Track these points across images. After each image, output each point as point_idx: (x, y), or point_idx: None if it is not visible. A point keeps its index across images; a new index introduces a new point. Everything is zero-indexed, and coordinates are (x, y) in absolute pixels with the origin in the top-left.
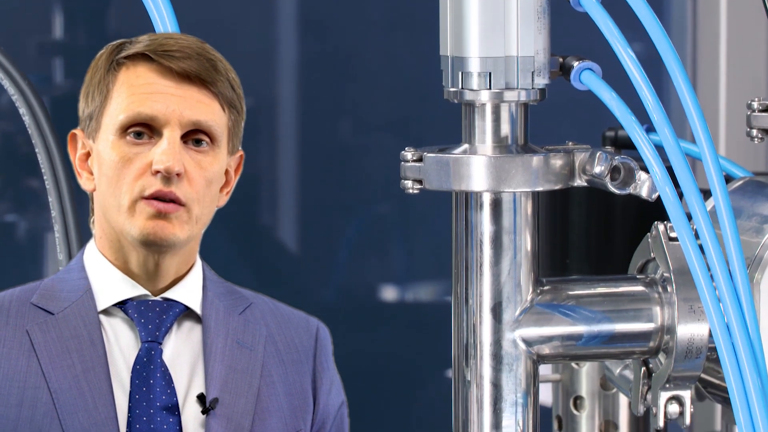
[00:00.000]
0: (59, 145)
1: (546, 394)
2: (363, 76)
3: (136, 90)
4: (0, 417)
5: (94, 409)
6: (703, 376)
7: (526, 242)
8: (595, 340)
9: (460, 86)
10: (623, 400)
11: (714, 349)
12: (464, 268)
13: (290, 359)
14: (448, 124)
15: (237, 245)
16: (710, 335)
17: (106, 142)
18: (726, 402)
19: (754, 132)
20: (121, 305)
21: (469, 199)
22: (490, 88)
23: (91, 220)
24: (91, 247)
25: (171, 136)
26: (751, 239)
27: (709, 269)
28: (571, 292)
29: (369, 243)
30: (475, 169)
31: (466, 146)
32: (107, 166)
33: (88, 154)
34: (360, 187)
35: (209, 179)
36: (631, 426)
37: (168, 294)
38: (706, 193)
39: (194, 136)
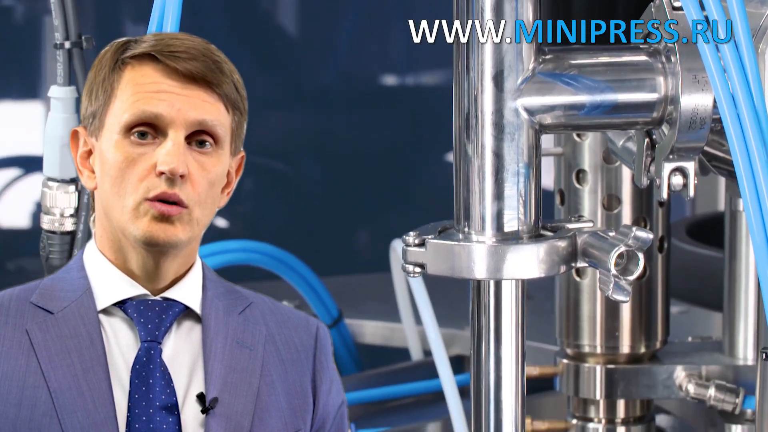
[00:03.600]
0: None
1: (547, 179)
2: None
3: (141, 89)
4: None
5: (93, 408)
6: (706, 149)
7: (528, 10)
8: (598, 110)
9: None
10: (626, 174)
11: (718, 121)
12: (465, 37)
13: (290, 359)
14: None
15: (237, 32)
16: (714, 106)
17: (109, 142)
18: (730, 175)
19: None
20: (121, 305)
21: None
22: None
23: (92, 218)
24: (90, 247)
25: (175, 136)
26: (756, 10)
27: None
28: (573, 62)
29: (369, 27)
30: None
31: None
32: (111, 166)
33: (89, 152)
34: None
35: (212, 181)
36: (634, 200)
37: (168, 294)
38: None
39: (198, 137)
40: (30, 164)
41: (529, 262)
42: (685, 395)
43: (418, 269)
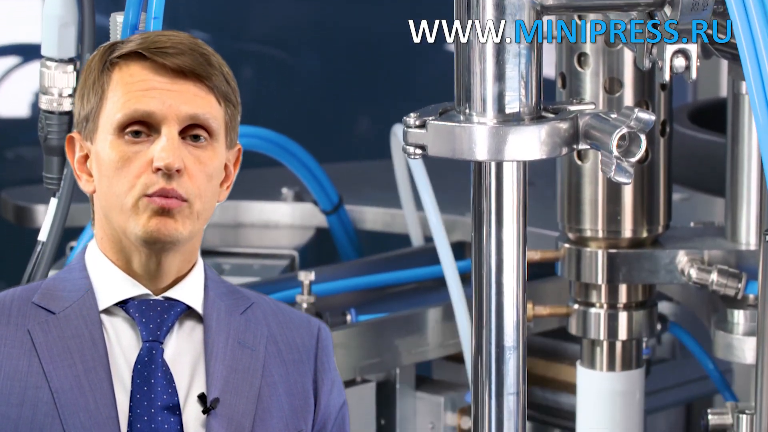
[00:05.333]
0: None
1: (548, 68)
2: None
3: (131, 88)
4: (1, 416)
5: (95, 408)
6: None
7: None
8: None
9: None
10: (628, 56)
11: (721, 2)
12: None
13: (291, 359)
14: None
15: None
16: None
17: (104, 143)
18: (733, 58)
19: None
20: (123, 304)
21: None
22: None
23: (91, 221)
24: (92, 247)
25: (169, 132)
26: None
27: None
28: None
29: None
30: None
31: None
32: (107, 166)
33: (86, 156)
34: None
35: (210, 174)
36: (635, 83)
37: (169, 293)
38: None
39: (192, 131)
40: (28, 53)
41: (530, 143)
42: (687, 280)
43: (418, 151)
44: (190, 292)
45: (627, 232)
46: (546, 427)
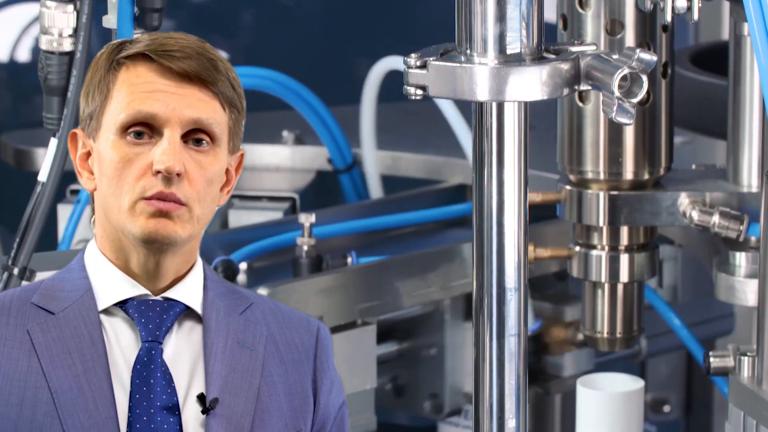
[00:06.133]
0: None
1: (550, 13)
2: None
3: (136, 89)
4: (1, 417)
5: (94, 408)
6: None
7: None
8: None
9: None
10: None
11: None
12: None
13: (291, 359)
14: None
15: None
16: None
17: (106, 142)
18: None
19: None
20: (122, 305)
21: None
22: None
23: (92, 220)
24: (91, 247)
25: (171, 135)
26: None
27: None
28: None
29: None
30: None
31: None
32: (108, 166)
33: (88, 154)
34: None
35: (210, 179)
36: (637, 24)
37: (168, 293)
38: None
39: (195, 135)
40: None
41: (531, 83)
42: (689, 222)
43: (419, 91)
44: (189, 292)
45: (628, 174)
46: None
